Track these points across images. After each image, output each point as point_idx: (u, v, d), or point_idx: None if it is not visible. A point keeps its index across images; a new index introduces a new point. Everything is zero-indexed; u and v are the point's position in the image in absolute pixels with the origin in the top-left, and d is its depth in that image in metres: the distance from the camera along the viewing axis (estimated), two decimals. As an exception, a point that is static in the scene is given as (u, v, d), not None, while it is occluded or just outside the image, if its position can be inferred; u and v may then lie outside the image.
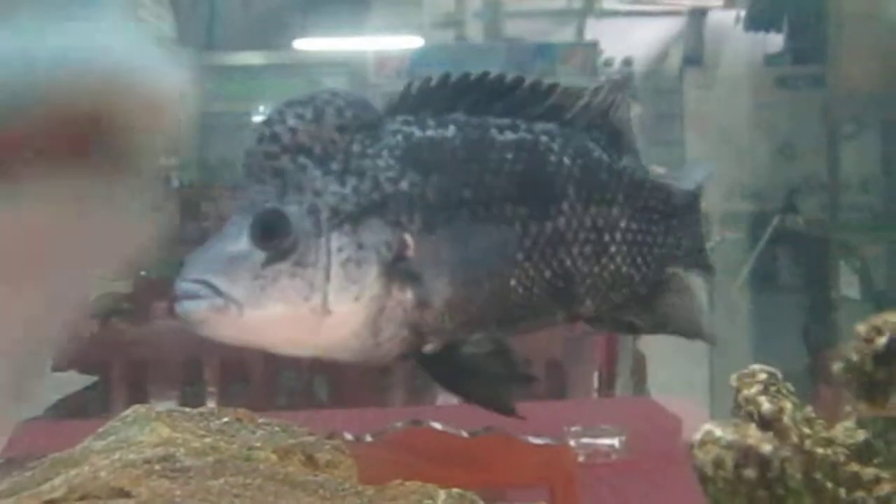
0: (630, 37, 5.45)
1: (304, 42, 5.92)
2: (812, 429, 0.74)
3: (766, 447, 0.71)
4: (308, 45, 5.93)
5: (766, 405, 0.73)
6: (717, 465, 0.71)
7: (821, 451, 0.72)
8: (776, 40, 4.86)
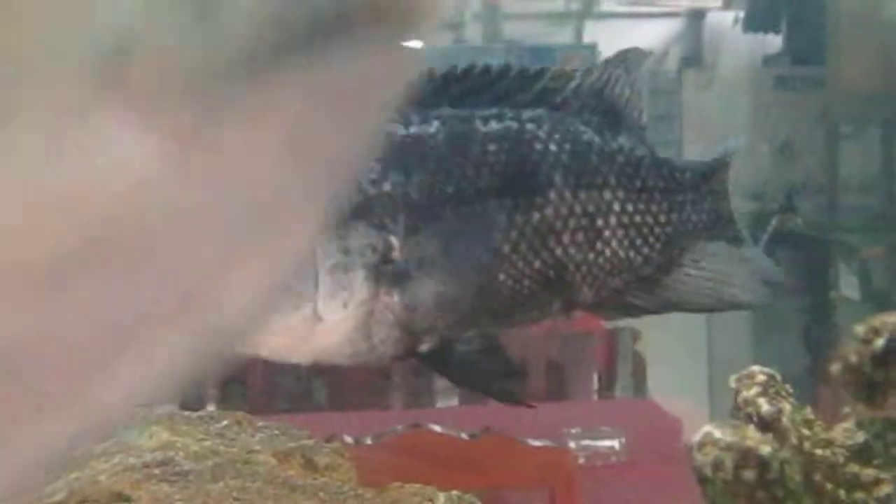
0: (629, 38, 5.44)
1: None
2: (811, 430, 0.74)
3: (766, 449, 0.71)
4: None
5: (766, 407, 0.73)
6: (716, 466, 0.71)
7: (820, 452, 0.72)
8: (775, 41, 4.86)
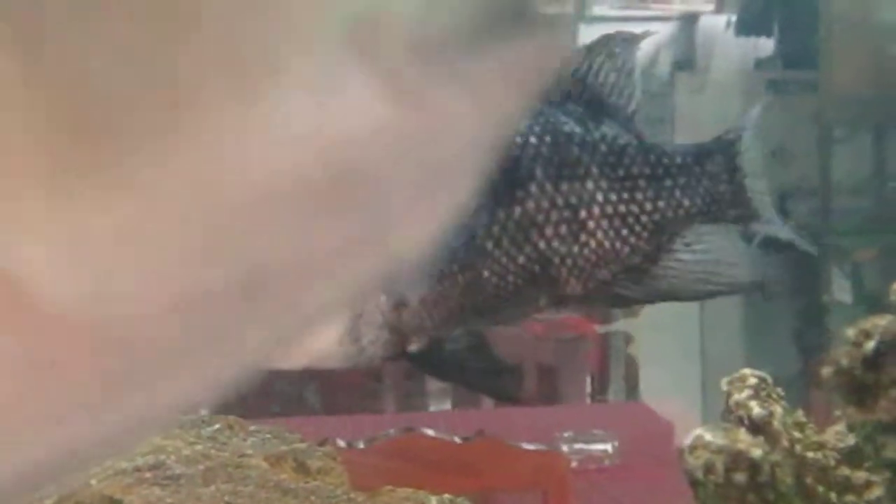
0: (621, 42, 5.44)
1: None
2: (802, 433, 0.74)
3: (757, 451, 0.71)
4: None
5: (757, 410, 0.73)
6: (707, 469, 0.71)
7: (811, 455, 0.72)
8: (767, 45, 4.87)
